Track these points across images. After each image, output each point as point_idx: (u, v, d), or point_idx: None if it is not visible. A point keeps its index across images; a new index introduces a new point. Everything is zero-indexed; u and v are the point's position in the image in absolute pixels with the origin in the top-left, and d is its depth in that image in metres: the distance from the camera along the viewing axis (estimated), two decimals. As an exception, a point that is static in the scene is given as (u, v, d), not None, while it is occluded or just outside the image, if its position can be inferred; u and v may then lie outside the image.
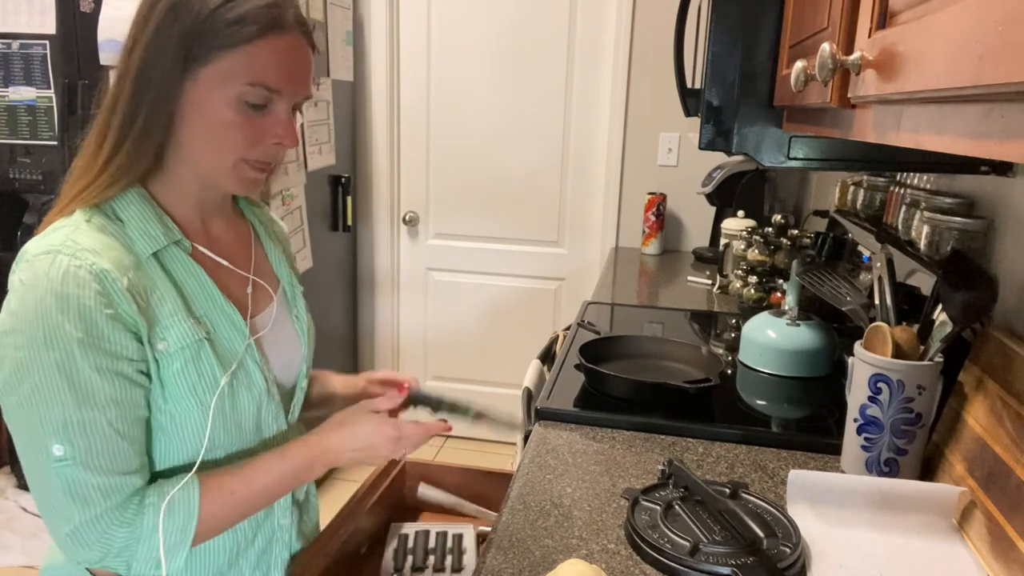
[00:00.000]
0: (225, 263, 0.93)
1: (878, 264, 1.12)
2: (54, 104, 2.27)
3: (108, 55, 2.19)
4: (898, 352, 1.01)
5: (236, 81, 0.81)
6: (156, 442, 0.86)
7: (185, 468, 0.86)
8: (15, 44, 2.26)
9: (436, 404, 1.13)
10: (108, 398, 0.78)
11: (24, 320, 0.75)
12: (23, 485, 2.62)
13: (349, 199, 2.87)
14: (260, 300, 0.97)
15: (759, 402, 1.38)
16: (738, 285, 2.03)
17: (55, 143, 2.27)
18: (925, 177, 1.38)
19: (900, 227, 1.38)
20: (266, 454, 0.91)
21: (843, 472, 1.08)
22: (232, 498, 0.86)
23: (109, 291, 0.77)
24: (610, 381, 1.32)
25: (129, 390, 0.80)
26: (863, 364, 1.03)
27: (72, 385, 0.76)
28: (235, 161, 0.85)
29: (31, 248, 0.79)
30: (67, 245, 0.78)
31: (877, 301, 1.11)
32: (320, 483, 2.17)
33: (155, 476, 0.86)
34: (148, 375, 0.82)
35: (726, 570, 0.82)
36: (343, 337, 3.13)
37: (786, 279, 1.81)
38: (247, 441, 0.93)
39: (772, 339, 1.46)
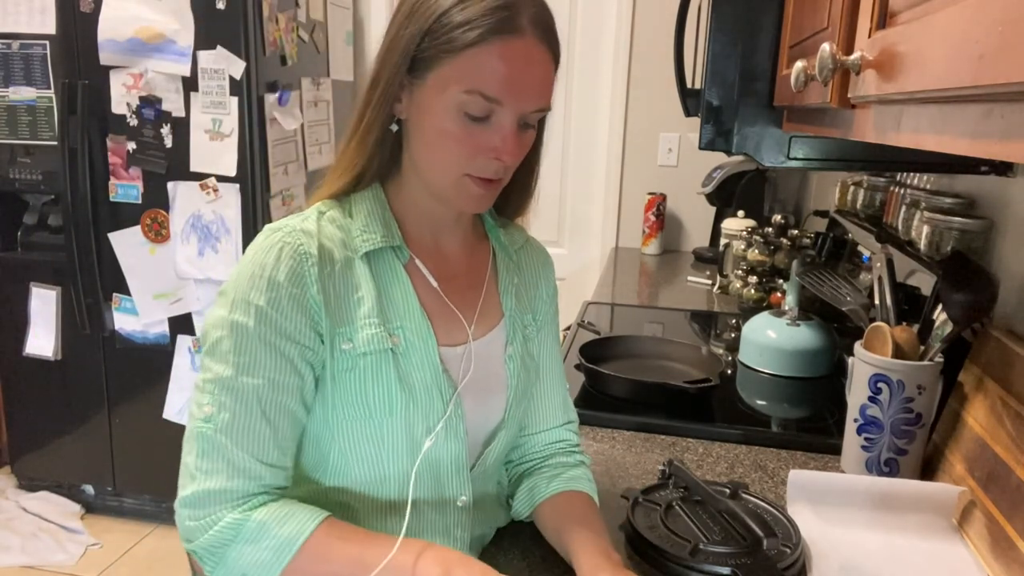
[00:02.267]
0: (434, 284, 0.86)
1: (878, 264, 1.12)
2: (54, 104, 2.27)
3: (108, 55, 2.19)
4: (898, 352, 1.01)
5: (455, 88, 0.76)
6: (321, 453, 0.83)
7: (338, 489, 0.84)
8: (15, 44, 2.26)
9: None
10: (266, 374, 0.77)
11: (231, 281, 0.80)
12: (23, 485, 2.62)
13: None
14: (479, 330, 0.89)
15: (759, 402, 1.38)
16: (738, 285, 2.03)
17: (55, 143, 2.27)
18: (925, 177, 1.38)
19: (900, 227, 1.38)
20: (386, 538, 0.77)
21: (843, 472, 1.08)
22: (330, 551, 0.76)
23: (305, 274, 0.78)
24: (610, 381, 1.32)
25: (287, 374, 0.78)
26: (863, 364, 1.03)
27: (239, 350, 0.77)
28: (458, 176, 0.80)
29: (268, 225, 0.83)
30: (289, 224, 0.81)
31: (877, 301, 1.11)
32: None
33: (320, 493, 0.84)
34: (313, 368, 0.80)
35: (726, 570, 0.82)
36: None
37: (786, 279, 1.81)
38: (399, 482, 0.83)
39: (772, 339, 1.46)
